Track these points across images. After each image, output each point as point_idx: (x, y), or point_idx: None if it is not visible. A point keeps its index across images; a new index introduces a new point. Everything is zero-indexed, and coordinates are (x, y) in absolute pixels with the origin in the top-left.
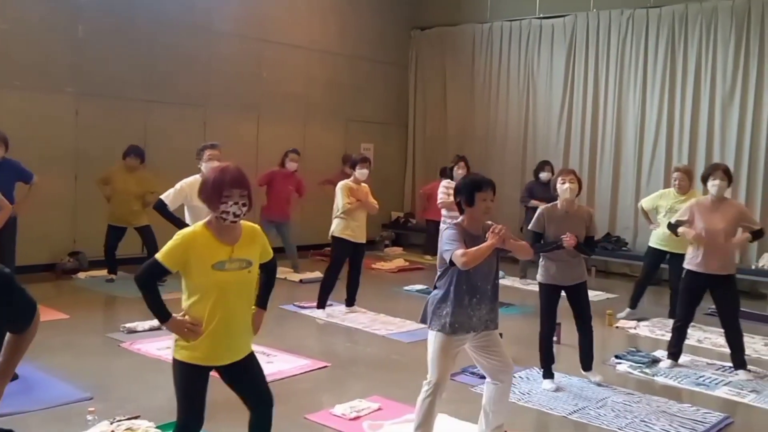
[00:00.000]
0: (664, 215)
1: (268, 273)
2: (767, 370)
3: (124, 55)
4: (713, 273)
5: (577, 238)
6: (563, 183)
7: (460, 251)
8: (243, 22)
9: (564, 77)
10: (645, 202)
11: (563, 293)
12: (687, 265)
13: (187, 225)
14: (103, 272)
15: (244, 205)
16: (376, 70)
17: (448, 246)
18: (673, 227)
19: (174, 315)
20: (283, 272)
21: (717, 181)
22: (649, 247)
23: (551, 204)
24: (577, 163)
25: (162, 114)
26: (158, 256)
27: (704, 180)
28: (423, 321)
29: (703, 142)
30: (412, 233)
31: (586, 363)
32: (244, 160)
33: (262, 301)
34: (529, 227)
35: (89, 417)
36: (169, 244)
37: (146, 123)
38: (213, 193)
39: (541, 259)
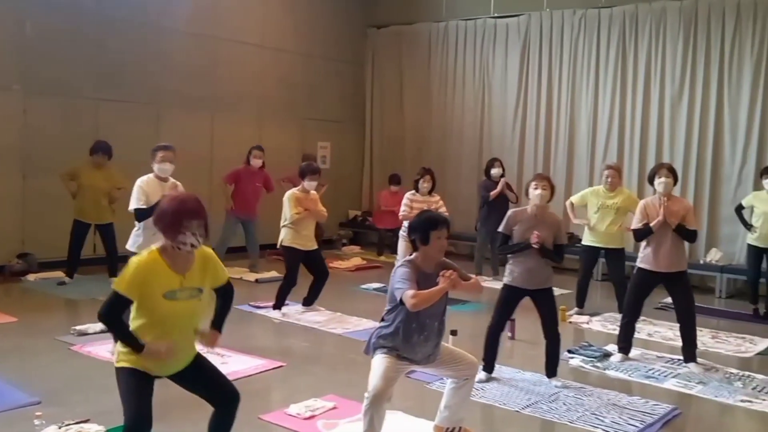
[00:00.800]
0: (595, 212)
1: (223, 298)
2: (714, 363)
3: (73, 52)
4: (665, 271)
5: (543, 242)
6: (536, 188)
7: (410, 292)
8: (195, 19)
9: (518, 76)
10: (575, 198)
11: (528, 298)
12: (639, 263)
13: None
14: (54, 274)
15: (201, 235)
16: (332, 68)
17: (400, 285)
18: (641, 234)
19: (146, 343)
20: (239, 272)
21: (663, 179)
22: (583, 245)
23: (521, 208)
24: (532, 160)
25: (114, 112)
26: (118, 288)
27: (651, 180)
28: (366, 352)
29: (654, 140)
30: (370, 232)
31: (550, 370)
32: (199, 159)
33: (217, 324)
34: (498, 229)
35: (36, 422)
36: (127, 274)
37: (97, 121)
38: (171, 223)
39: (508, 262)
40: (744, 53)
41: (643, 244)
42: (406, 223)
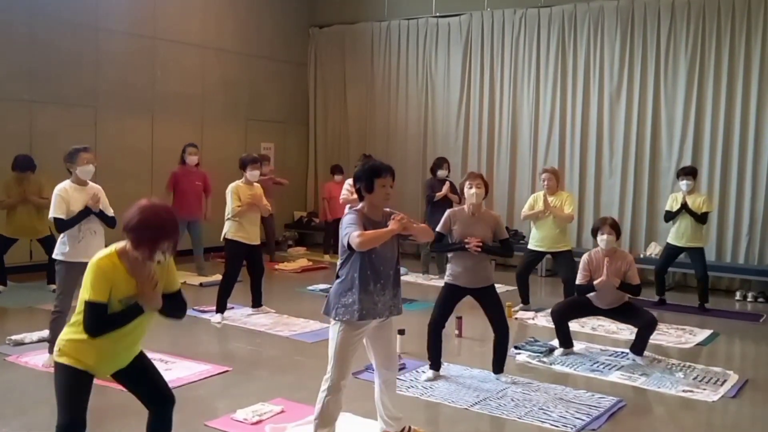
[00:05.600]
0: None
1: (173, 302)
2: (656, 354)
3: (5, 53)
4: (608, 308)
5: (483, 241)
6: (470, 188)
7: (356, 233)
8: (132, 19)
9: (461, 75)
10: (525, 210)
11: (470, 298)
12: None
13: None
14: None
15: (170, 250)
16: (275, 68)
17: (347, 229)
18: (584, 290)
19: (139, 302)
20: (184, 276)
21: (605, 236)
22: (528, 249)
23: (458, 207)
24: (476, 158)
25: (48, 115)
26: (89, 297)
27: (594, 233)
28: (326, 312)
29: (594, 136)
30: (316, 233)
31: (498, 366)
32: (139, 161)
33: (165, 308)
34: (435, 228)
35: None
36: (92, 279)
37: (32, 125)
38: (149, 240)
39: (448, 262)
40: (679, 52)
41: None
42: (347, 208)
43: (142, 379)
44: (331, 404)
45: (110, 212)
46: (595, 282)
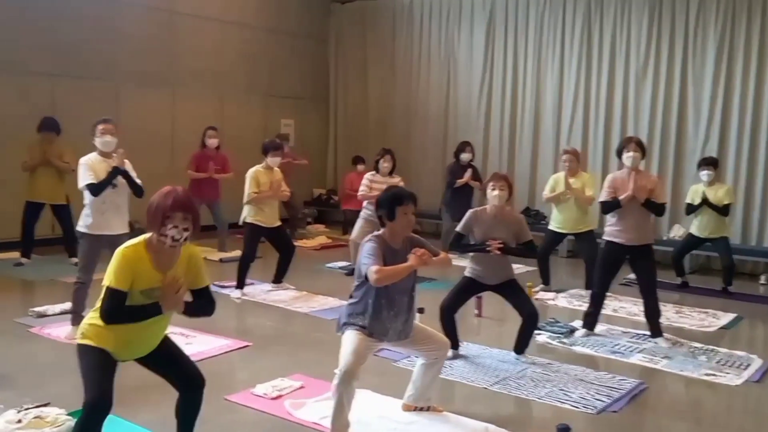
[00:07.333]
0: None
1: (199, 301)
2: (679, 337)
3: (27, 27)
4: (632, 244)
5: (504, 243)
6: (493, 189)
7: (374, 268)
8: None
9: (484, 53)
10: (546, 191)
11: (491, 293)
12: (606, 236)
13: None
14: (11, 255)
15: (185, 229)
16: (296, 44)
17: (366, 260)
18: (608, 206)
19: (159, 302)
20: (205, 251)
21: (631, 153)
22: (549, 230)
23: (480, 208)
24: (497, 137)
25: (71, 88)
26: (110, 284)
27: (619, 153)
28: (337, 331)
29: (618, 116)
30: (335, 210)
31: (519, 347)
32: (160, 137)
33: (189, 310)
34: (456, 228)
35: None
36: (115, 267)
37: (54, 98)
38: (155, 215)
39: (469, 260)
40: (708, 30)
41: (610, 217)
42: (365, 203)
43: (168, 364)
44: (344, 394)
45: (138, 181)
46: (620, 197)
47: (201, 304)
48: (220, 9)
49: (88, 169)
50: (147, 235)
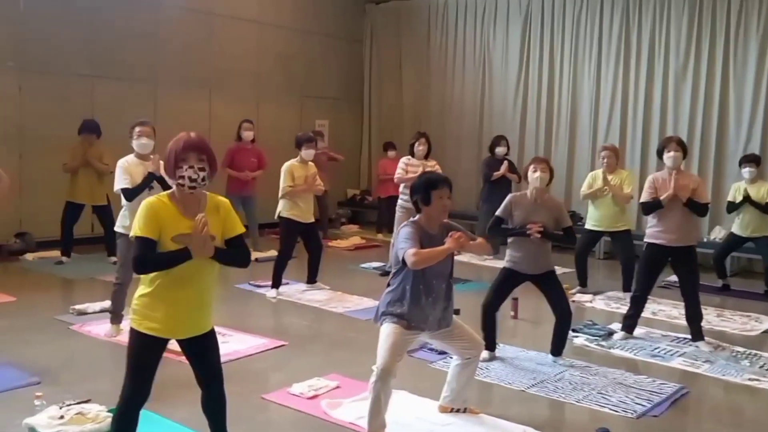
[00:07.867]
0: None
1: (231, 249)
2: (720, 341)
3: (68, 28)
4: (674, 245)
5: (544, 227)
6: (534, 171)
7: (412, 250)
8: None
9: (519, 52)
10: (584, 188)
11: (529, 284)
12: (648, 238)
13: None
14: (52, 253)
15: (201, 169)
16: (331, 45)
17: (403, 244)
18: (649, 207)
19: (186, 247)
20: None
21: (672, 153)
22: (585, 229)
23: (520, 192)
24: (533, 136)
25: (110, 90)
26: (137, 233)
27: (659, 153)
28: (375, 320)
29: (657, 117)
30: (369, 211)
31: (556, 349)
32: None
33: (220, 256)
34: (496, 213)
35: (37, 402)
36: (141, 216)
37: (93, 99)
38: (169, 160)
39: (508, 247)
40: (750, 27)
41: (651, 219)
42: (402, 188)
43: (197, 354)
44: (382, 392)
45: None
46: (661, 197)
47: (233, 252)
48: (257, 11)
49: (124, 172)
50: (170, 190)
